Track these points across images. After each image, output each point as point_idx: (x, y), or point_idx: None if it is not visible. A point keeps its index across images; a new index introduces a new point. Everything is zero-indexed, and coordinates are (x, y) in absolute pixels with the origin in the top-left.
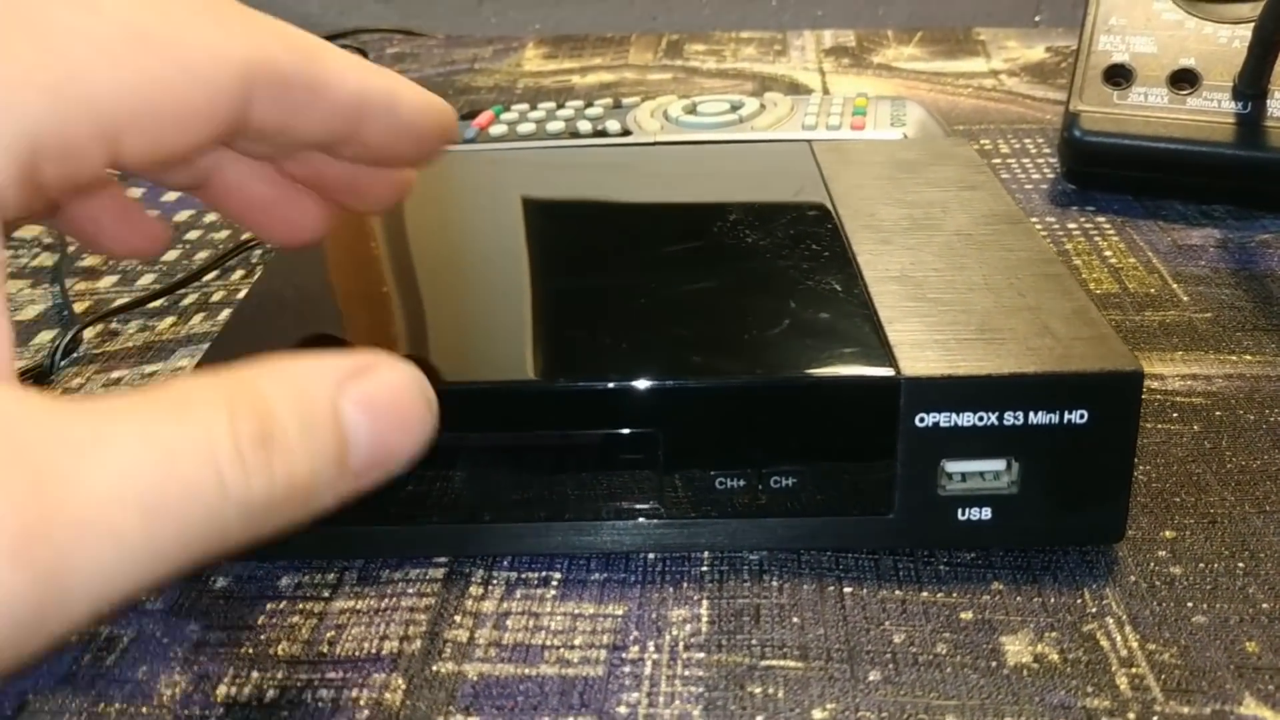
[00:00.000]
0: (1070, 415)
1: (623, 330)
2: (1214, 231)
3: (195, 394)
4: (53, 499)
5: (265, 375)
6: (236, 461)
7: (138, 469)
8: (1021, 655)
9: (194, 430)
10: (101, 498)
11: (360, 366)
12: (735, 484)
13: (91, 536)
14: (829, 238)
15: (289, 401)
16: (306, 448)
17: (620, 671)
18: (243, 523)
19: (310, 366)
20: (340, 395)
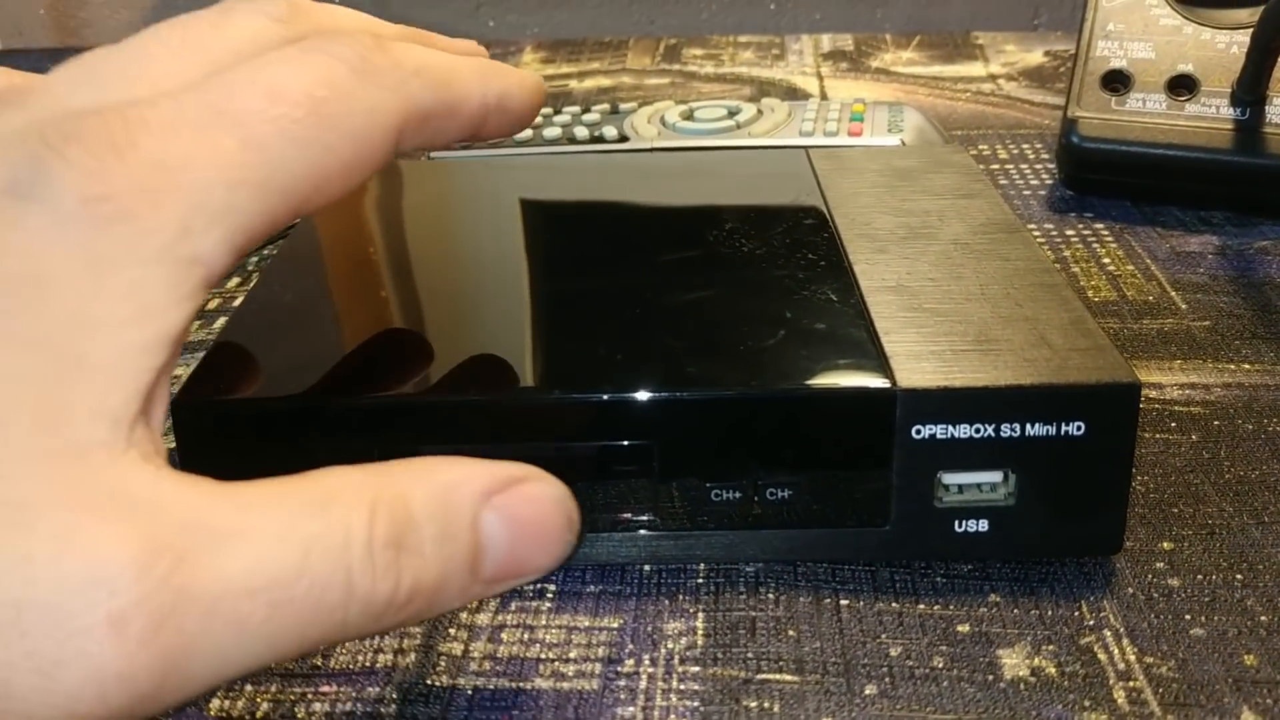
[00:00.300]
0: (1067, 427)
1: (618, 341)
2: (1212, 238)
3: (340, 491)
4: (189, 586)
5: (413, 478)
6: (367, 563)
7: (272, 564)
8: (1019, 669)
9: (332, 529)
10: (234, 588)
11: (509, 478)
12: (731, 496)
13: (219, 625)
14: (825, 246)
15: (431, 507)
16: (439, 554)
17: (615, 685)
18: (363, 620)
19: (459, 473)
20: (484, 506)
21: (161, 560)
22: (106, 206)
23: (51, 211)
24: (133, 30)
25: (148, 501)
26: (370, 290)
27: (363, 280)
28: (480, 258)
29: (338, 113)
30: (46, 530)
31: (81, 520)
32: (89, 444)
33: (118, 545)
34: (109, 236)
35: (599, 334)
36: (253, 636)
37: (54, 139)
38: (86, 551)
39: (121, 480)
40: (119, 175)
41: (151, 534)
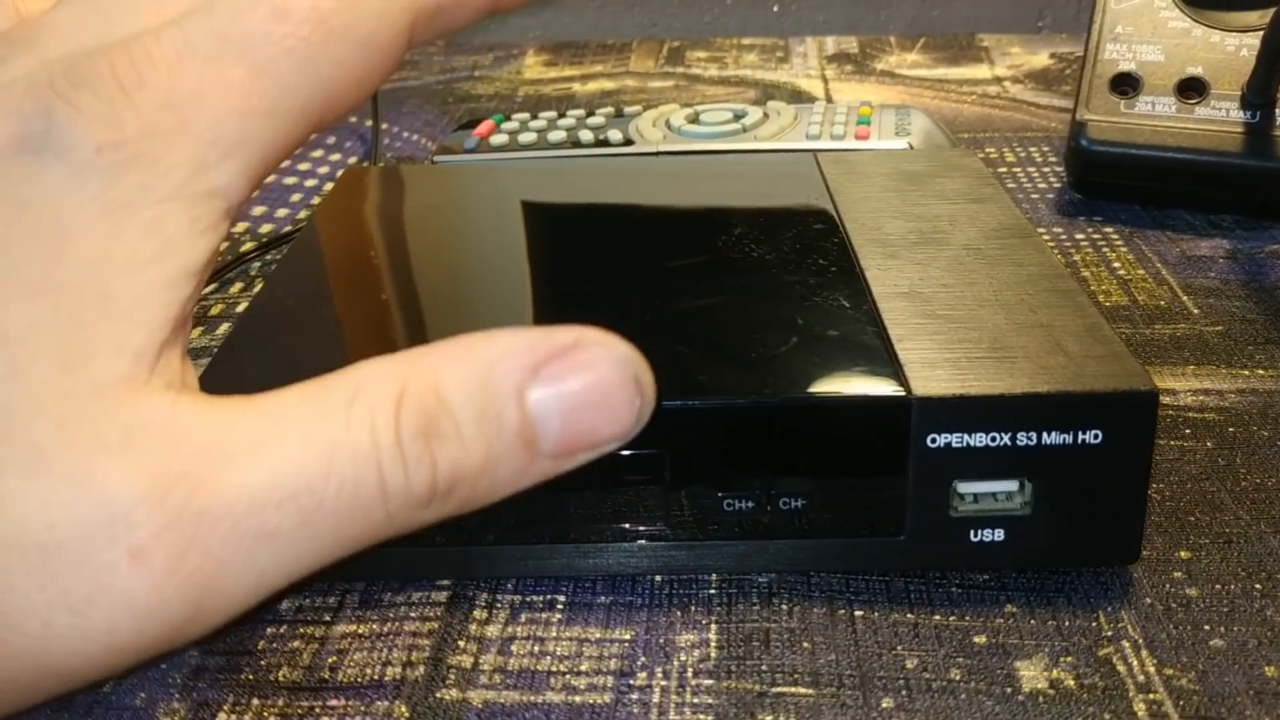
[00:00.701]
0: (1084, 435)
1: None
2: (1223, 242)
3: (366, 384)
4: (209, 509)
5: (447, 360)
6: (396, 456)
7: (295, 471)
8: (1037, 681)
9: (357, 427)
10: (258, 501)
11: (557, 347)
12: (743, 505)
13: (247, 540)
14: (836, 252)
15: (467, 389)
16: (480, 436)
17: (628, 699)
18: (408, 512)
19: (501, 348)
20: (530, 380)
21: (177, 489)
22: (121, 153)
23: (67, 164)
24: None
25: (163, 430)
26: (376, 296)
27: (368, 286)
28: (487, 263)
29: (345, 23)
30: (62, 473)
31: (95, 459)
32: (109, 381)
33: (130, 480)
34: (126, 181)
35: None
36: (288, 545)
37: (63, 87)
38: (100, 490)
39: (138, 413)
40: (130, 119)
41: (165, 464)
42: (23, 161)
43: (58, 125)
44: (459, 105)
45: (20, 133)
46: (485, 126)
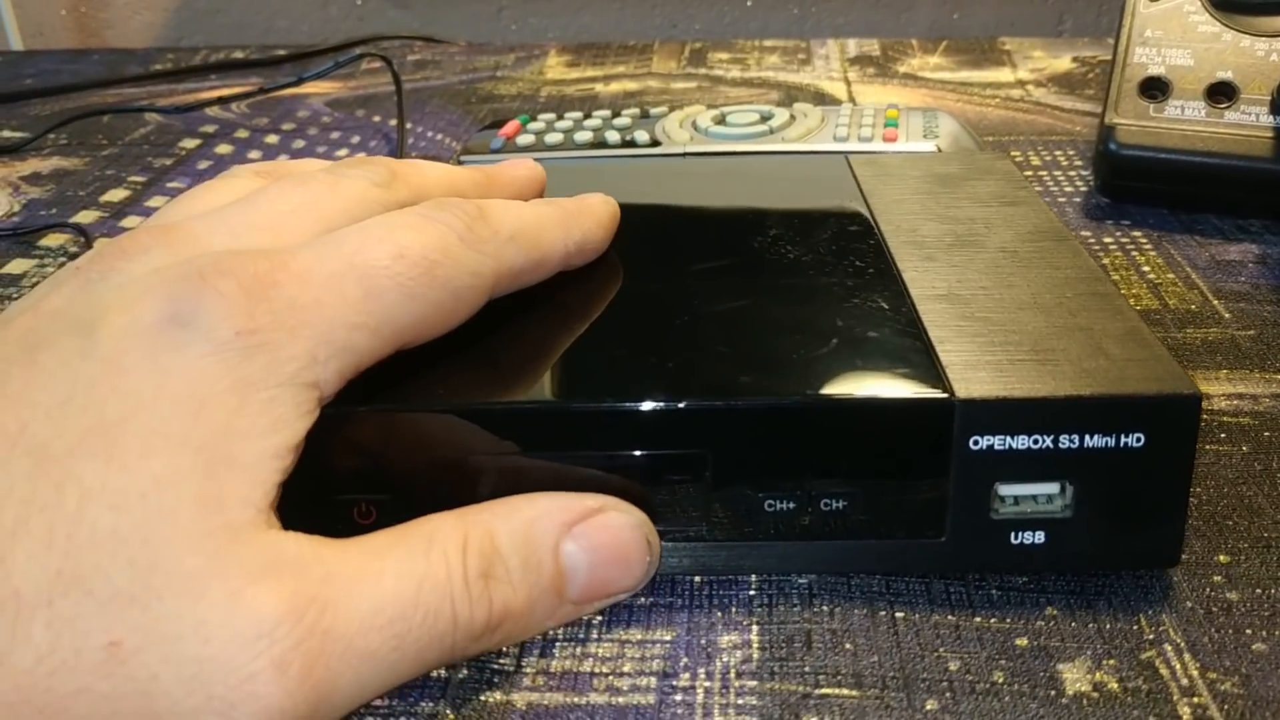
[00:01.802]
0: (1126, 438)
1: (668, 348)
2: (1252, 246)
3: (439, 532)
4: (331, 628)
5: (498, 516)
6: (464, 592)
7: (394, 600)
8: (1080, 683)
9: (435, 565)
10: (366, 625)
11: (587, 510)
12: (784, 506)
13: (355, 658)
14: (872, 254)
15: (515, 540)
16: (525, 581)
17: (672, 700)
18: (466, 643)
19: (541, 508)
20: (564, 536)
21: (309, 610)
22: (253, 339)
23: (208, 340)
24: (154, 32)
25: (291, 562)
26: None
27: None
28: None
29: (447, 275)
30: (215, 596)
31: (242, 585)
32: (240, 524)
33: (273, 602)
34: (253, 363)
35: (650, 341)
36: (382, 664)
37: (210, 275)
38: (249, 611)
39: (269, 548)
40: (263, 311)
41: (298, 589)
42: (171, 334)
43: (204, 307)
44: (482, 105)
45: (172, 310)
46: (511, 127)
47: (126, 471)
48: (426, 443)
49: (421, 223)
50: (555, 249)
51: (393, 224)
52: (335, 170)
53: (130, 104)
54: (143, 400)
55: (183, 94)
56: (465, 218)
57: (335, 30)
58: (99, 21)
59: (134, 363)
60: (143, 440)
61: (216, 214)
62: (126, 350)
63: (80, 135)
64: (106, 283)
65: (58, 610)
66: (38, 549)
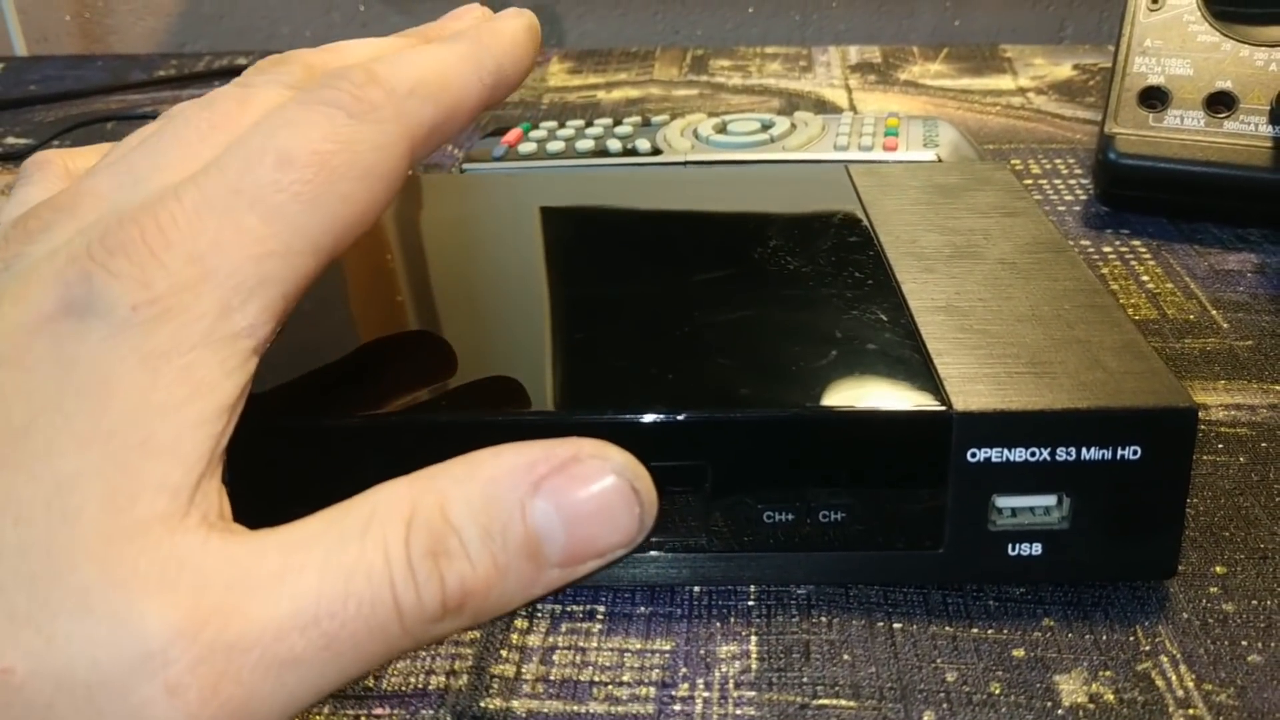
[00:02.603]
0: (1123, 451)
1: (667, 360)
2: (1251, 256)
3: (379, 509)
4: (238, 639)
5: (453, 481)
6: (407, 576)
7: (316, 597)
8: (1076, 695)
9: (371, 550)
10: (284, 629)
11: (559, 459)
12: (783, 517)
13: (275, 666)
14: (872, 265)
15: (471, 507)
16: (485, 552)
17: (670, 710)
18: (421, 629)
19: (503, 465)
20: (532, 494)
21: (209, 623)
22: (154, 308)
23: (108, 323)
24: (157, 38)
25: (194, 567)
26: (406, 308)
27: (398, 297)
28: (525, 274)
29: (345, 162)
30: (103, 612)
31: (132, 599)
32: (149, 520)
33: (166, 617)
34: (159, 333)
35: (647, 353)
36: (313, 667)
37: (99, 254)
38: (138, 628)
39: (173, 551)
40: (160, 277)
41: (197, 600)
42: (69, 324)
43: (97, 290)
44: (485, 112)
45: (65, 298)
46: (513, 134)
47: (32, 480)
48: (428, 455)
49: (300, 113)
50: (469, 89)
51: (270, 127)
52: (243, 80)
53: (134, 110)
54: (48, 398)
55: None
56: (350, 88)
57: (338, 35)
58: (103, 27)
59: (36, 360)
60: (48, 442)
61: (123, 160)
62: (27, 348)
63: (84, 141)
64: (9, 271)
65: None
66: None
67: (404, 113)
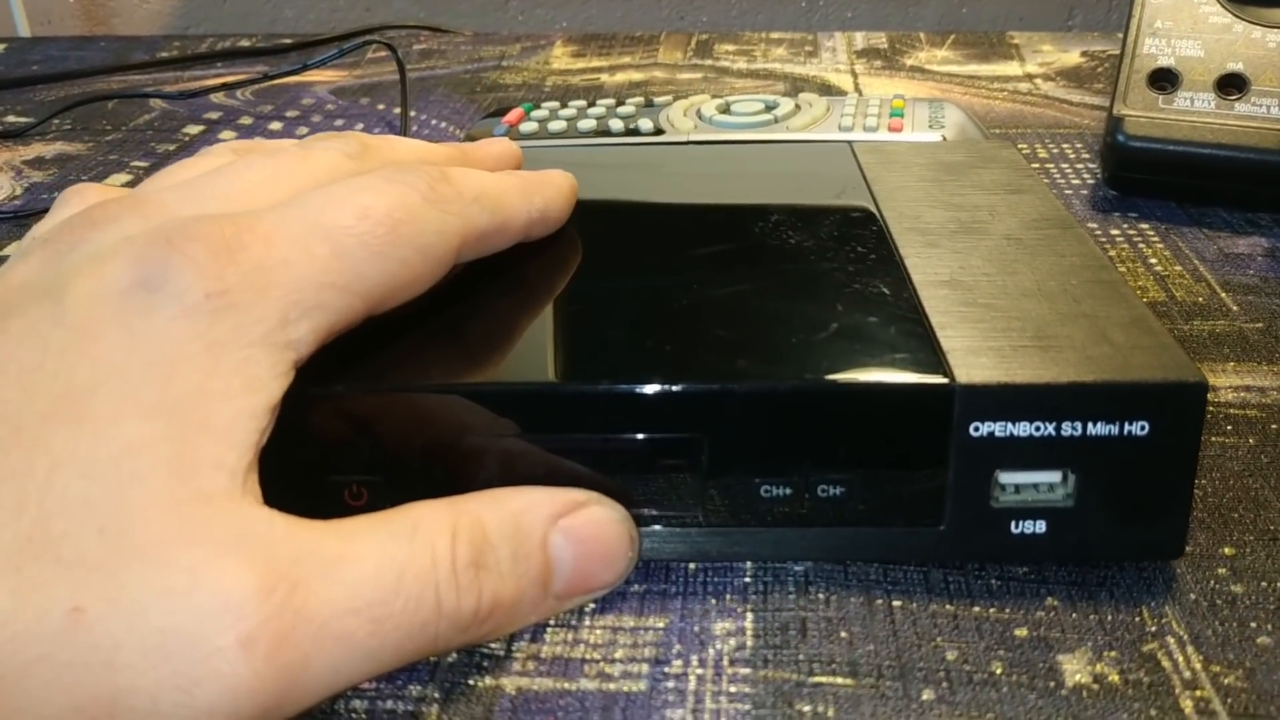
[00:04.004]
0: (1130, 427)
1: (666, 332)
2: (1261, 240)
3: (425, 519)
4: (302, 608)
5: (487, 505)
6: (451, 581)
7: (371, 585)
8: (1080, 675)
9: (420, 552)
10: (341, 608)
11: (573, 503)
12: (780, 492)
13: (329, 641)
14: (875, 240)
15: (505, 530)
16: (514, 572)
17: (663, 687)
18: (451, 633)
19: (529, 499)
20: (551, 528)
21: (279, 588)
22: (222, 300)
23: (178, 303)
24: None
25: (264, 538)
26: None
27: None
28: (524, 248)
29: (412, 233)
30: (182, 566)
31: (210, 556)
32: (213, 492)
33: (242, 577)
34: (224, 324)
35: (648, 326)
36: (359, 650)
37: (178, 240)
38: (216, 583)
39: (242, 520)
40: (232, 273)
41: (269, 566)
42: (141, 298)
43: (173, 271)
44: (486, 94)
45: (141, 275)
46: (515, 114)
47: (98, 438)
48: (419, 423)
49: (384, 184)
50: (518, 213)
51: (356, 186)
52: (306, 144)
53: (135, 90)
54: (114, 366)
55: (188, 81)
56: (428, 179)
57: (342, 19)
58: (106, 10)
59: (104, 329)
60: (114, 406)
61: (187, 185)
62: (96, 316)
63: (84, 120)
64: (76, 253)
65: (25, 576)
66: (8, 516)
67: (466, 213)
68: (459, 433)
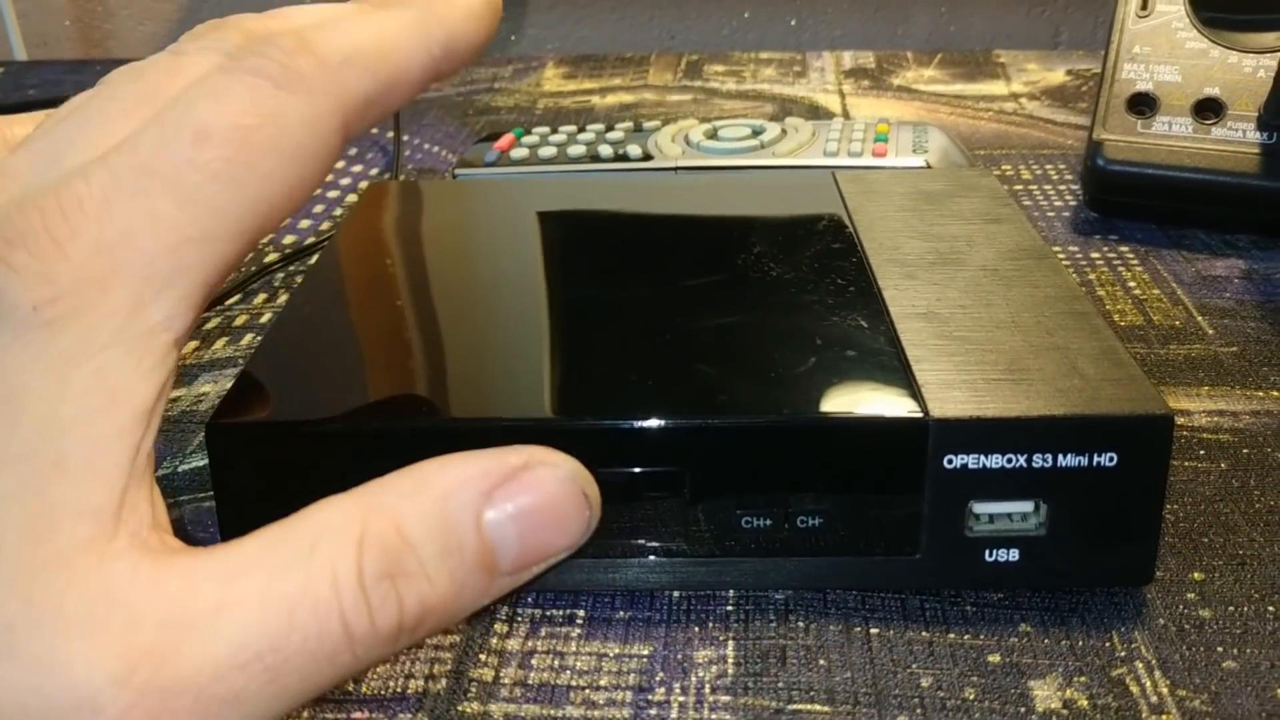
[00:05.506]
0: (1099, 458)
1: (648, 366)
2: (1238, 262)
3: (326, 530)
4: (172, 682)
5: (405, 496)
6: (359, 603)
7: (258, 632)
8: (1050, 701)
9: (317, 578)
10: (222, 668)
11: (508, 468)
12: (761, 523)
13: (214, 706)
14: (854, 271)
15: (427, 524)
16: (444, 567)
17: (646, 714)
18: (376, 651)
19: (455, 477)
20: (486, 505)
21: (142, 666)
22: (58, 307)
23: (9, 325)
24: (157, 42)
25: (124, 603)
26: (398, 313)
27: (390, 302)
28: (507, 280)
29: (270, 137)
30: (30, 655)
31: (60, 640)
32: (72, 549)
33: (96, 661)
34: (66, 335)
35: (629, 359)
36: (258, 702)
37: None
38: (67, 673)
39: (100, 584)
40: (64, 271)
41: (128, 641)
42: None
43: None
44: (479, 117)
45: None
46: (505, 140)
47: None
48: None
49: (224, 83)
50: (413, 59)
51: (189, 100)
52: (176, 47)
53: None
54: None
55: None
56: (280, 55)
57: None
58: (102, 32)
59: None
60: None
61: (46, 135)
62: None
63: None
64: None
65: None
66: None
67: (337, 84)
68: None
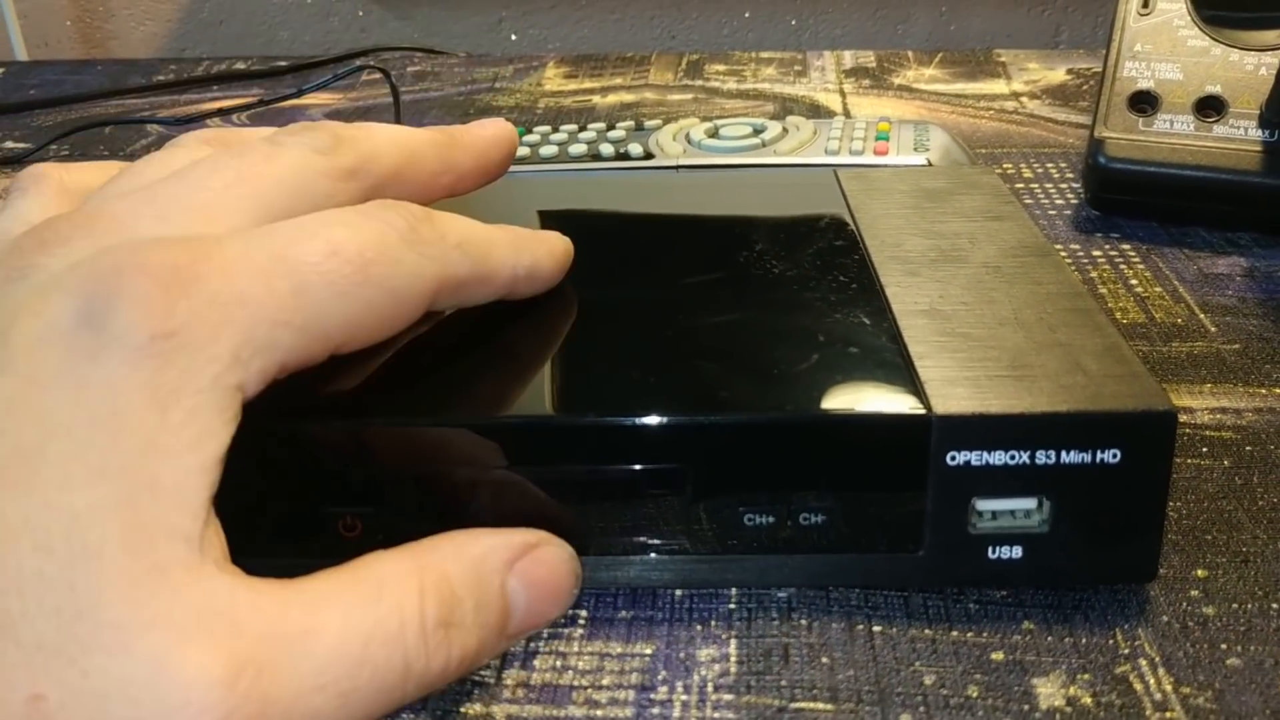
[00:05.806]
0: (1103, 454)
1: (649, 363)
2: (1240, 260)
3: (390, 577)
4: (269, 692)
5: (451, 556)
6: (421, 645)
7: (337, 658)
8: (1054, 698)
9: (387, 618)
10: (307, 687)
11: (526, 545)
12: (763, 520)
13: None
14: (856, 269)
15: (469, 584)
16: (477, 622)
17: (649, 713)
18: (418, 691)
19: (487, 546)
20: (508, 573)
21: (246, 673)
22: (169, 342)
23: (123, 347)
24: (157, 42)
25: (228, 615)
26: None
27: None
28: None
29: (382, 274)
30: (143, 654)
31: (172, 643)
32: (170, 563)
33: (206, 665)
34: (172, 369)
35: (630, 356)
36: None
37: (127, 270)
38: (179, 674)
39: (203, 596)
40: (182, 309)
41: (234, 649)
42: (86, 339)
43: (119, 307)
44: (480, 116)
45: (85, 313)
46: None
47: (49, 507)
48: (411, 456)
49: (360, 219)
50: (504, 266)
51: (329, 219)
52: (274, 138)
53: (131, 115)
54: (60, 421)
55: (184, 105)
56: (410, 217)
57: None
58: (103, 33)
59: (50, 375)
60: (62, 469)
61: (146, 192)
62: (41, 361)
63: (82, 146)
64: (26, 281)
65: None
66: None
67: (445, 259)
68: (449, 465)
